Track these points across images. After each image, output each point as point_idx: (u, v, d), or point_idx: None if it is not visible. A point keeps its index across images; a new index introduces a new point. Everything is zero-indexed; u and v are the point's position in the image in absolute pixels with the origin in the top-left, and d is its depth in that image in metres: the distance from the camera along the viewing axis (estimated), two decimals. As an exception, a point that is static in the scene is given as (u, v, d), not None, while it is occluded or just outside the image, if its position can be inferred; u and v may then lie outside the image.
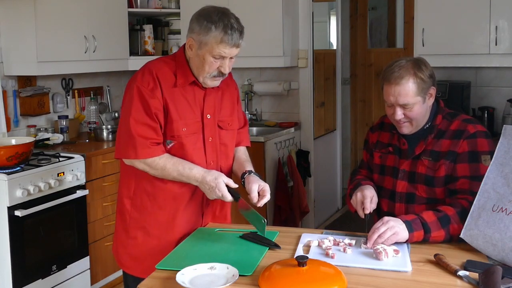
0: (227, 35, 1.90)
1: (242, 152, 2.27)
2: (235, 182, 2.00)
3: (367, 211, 2.03)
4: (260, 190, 1.97)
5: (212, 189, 1.94)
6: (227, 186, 1.94)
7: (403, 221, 1.85)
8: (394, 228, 1.82)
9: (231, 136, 2.18)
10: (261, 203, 1.96)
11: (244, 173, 2.10)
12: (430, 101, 2.05)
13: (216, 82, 2.04)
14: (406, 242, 1.85)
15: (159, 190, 2.06)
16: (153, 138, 1.98)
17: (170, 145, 2.02)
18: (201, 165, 2.06)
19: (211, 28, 1.90)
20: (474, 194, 1.88)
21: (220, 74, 2.00)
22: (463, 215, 1.87)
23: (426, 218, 1.87)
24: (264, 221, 1.91)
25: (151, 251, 2.06)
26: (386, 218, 1.86)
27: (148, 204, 2.07)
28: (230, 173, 2.21)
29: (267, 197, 1.96)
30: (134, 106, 1.97)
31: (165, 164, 1.99)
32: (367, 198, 2.04)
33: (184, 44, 2.06)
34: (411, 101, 1.97)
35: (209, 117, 2.07)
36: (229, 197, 1.94)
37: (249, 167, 2.15)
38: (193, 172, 1.98)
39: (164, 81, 2.00)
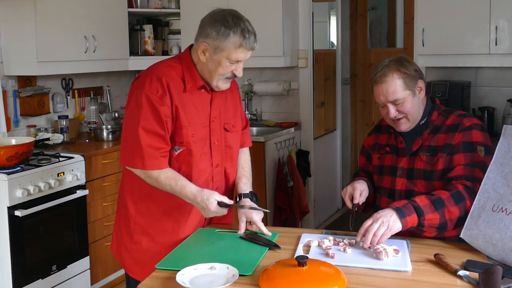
0: (245, 39, 1.90)
1: (243, 159, 2.26)
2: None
3: (355, 201, 2.07)
4: (250, 221, 2.03)
5: (204, 210, 1.94)
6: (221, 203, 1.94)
7: (393, 208, 1.85)
8: (385, 223, 1.81)
9: (236, 138, 2.18)
10: (265, 231, 2.01)
11: (237, 197, 2.12)
12: (421, 94, 2.07)
13: (228, 85, 2.04)
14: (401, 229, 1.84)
15: (166, 196, 2.02)
16: (162, 148, 1.95)
17: (178, 151, 2.00)
18: (207, 169, 2.06)
19: (229, 34, 1.89)
20: (469, 178, 1.91)
21: (233, 75, 2.00)
22: (457, 197, 1.87)
23: (419, 202, 1.87)
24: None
25: (155, 256, 2.01)
26: (375, 215, 1.85)
27: (154, 210, 2.05)
28: (235, 177, 2.20)
29: (262, 229, 2.01)
30: (143, 114, 1.93)
31: (159, 175, 1.96)
32: (357, 190, 2.08)
33: (189, 46, 2.05)
34: (400, 96, 2.01)
35: (215, 121, 2.07)
36: (223, 212, 1.94)
37: (245, 186, 2.15)
38: (185, 190, 1.95)
39: (174, 87, 1.96)
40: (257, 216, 2.03)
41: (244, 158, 2.27)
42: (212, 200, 1.91)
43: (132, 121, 1.96)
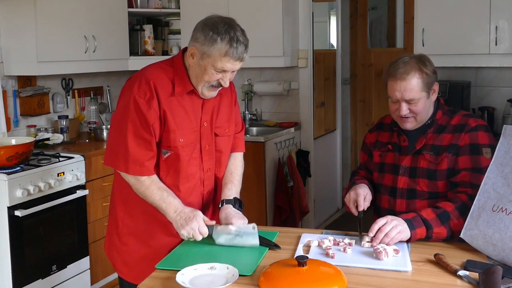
0: (232, 48, 1.85)
1: (233, 165, 2.18)
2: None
3: (360, 209, 2.05)
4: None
5: (189, 219, 1.87)
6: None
7: (404, 219, 1.86)
8: (398, 227, 1.83)
9: (227, 142, 2.14)
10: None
11: (219, 203, 2.06)
12: (434, 96, 2.07)
13: (214, 93, 1.99)
14: (409, 240, 1.86)
15: None
16: (147, 154, 1.94)
17: (167, 155, 1.98)
18: (198, 173, 2.04)
19: (216, 40, 1.84)
20: (474, 186, 1.90)
21: (219, 84, 1.95)
22: (462, 210, 1.88)
23: (426, 216, 1.88)
24: (254, 227, 1.87)
25: (143, 258, 2.03)
26: (389, 217, 1.86)
27: (141, 212, 2.03)
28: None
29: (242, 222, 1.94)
30: (131, 119, 1.92)
31: (151, 184, 1.95)
32: (360, 196, 2.06)
33: (183, 49, 2.02)
34: (416, 96, 2.00)
35: (206, 125, 2.03)
36: (205, 230, 1.87)
37: (229, 192, 2.07)
38: (175, 201, 1.93)
39: (162, 90, 1.93)
40: (240, 221, 1.94)
41: (235, 163, 2.19)
42: (199, 213, 1.90)
43: (120, 124, 1.95)
